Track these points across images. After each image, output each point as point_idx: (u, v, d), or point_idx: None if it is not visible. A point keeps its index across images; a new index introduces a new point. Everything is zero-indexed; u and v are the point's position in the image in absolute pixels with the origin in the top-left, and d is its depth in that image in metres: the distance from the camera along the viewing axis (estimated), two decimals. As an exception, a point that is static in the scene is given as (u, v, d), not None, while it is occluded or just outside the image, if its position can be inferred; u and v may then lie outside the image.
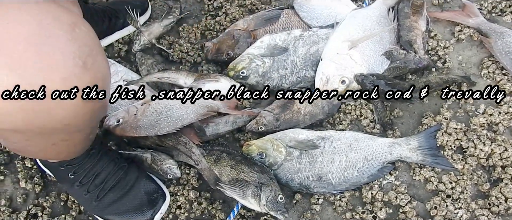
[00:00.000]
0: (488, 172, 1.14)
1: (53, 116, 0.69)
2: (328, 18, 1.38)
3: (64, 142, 0.88)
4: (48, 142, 0.85)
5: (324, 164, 1.13)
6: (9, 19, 0.62)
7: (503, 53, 1.28)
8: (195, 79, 1.23)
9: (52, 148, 0.89)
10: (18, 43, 0.61)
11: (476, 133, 1.17)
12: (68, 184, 1.09)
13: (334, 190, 1.13)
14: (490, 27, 1.35)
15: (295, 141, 1.16)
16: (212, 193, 1.18)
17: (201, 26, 1.48)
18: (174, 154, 1.19)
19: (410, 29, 1.34)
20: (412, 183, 1.14)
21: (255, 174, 1.10)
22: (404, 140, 1.16)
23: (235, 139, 1.26)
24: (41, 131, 0.74)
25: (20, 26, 0.62)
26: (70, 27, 0.66)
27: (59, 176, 1.11)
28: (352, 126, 1.24)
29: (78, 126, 0.79)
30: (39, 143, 0.85)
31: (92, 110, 0.74)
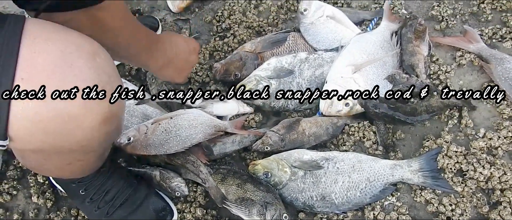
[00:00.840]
0: (487, 195, 1.17)
1: (72, 137, 0.73)
2: (333, 41, 1.43)
3: (79, 162, 0.92)
4: (64, 162, 0.89)
5: (328, 184, 1.16)
6: (35, 49, 0.66)
7: (503, 79, 1.32)
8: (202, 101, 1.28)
9: (67, 167, 0.93)
10: (42, 71, 0.65)
11: (475, 156, 1.20)
12: (79, 200, 1.12)
13: (337, 210, 1.16)
14: (491, 53, 1.39)
15: (299, 161, 1.19)
16: (218, 211, 1.21)
17: (209, 47, 1.53)
18: (182, 172, 1.23)
19: (413, 54, 1.39)
20: (413, 204, 1.17)
21: (261, 193, 1.13)
22: (406, 162, 1.19)
23: (241, 158, 1.30)
24: (58, 151, 0.79)
25: (45, 55, 0.66)
26: (91, 56, 0.71)
27: (70, 192, 1.14)
28: (355, 147, 1.28)
29: (94, 147, 0.83)
30: (55, 162, 0.89)
31: (108, 132, 0.78)
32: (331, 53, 1.38)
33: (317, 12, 1.46)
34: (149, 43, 1.03)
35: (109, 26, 0.87)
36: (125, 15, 0.92)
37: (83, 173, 1.04)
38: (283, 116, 1.36)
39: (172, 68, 1.13)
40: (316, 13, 1.46)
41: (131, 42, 0.96)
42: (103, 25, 0.86)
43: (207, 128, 1.21)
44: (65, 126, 0.70)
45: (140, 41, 0.99)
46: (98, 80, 0.70)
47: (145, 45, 1.02)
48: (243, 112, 1.32)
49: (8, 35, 0.65)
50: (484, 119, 1.30)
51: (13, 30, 0.66)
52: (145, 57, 1.05)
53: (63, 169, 0.97)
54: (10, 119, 0.65)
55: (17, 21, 0.67)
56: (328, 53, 1.38)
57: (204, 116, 1.24)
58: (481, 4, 1.56)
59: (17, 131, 0.67)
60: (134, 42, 0.98)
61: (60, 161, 0.89)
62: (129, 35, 0.95)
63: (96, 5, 0.81)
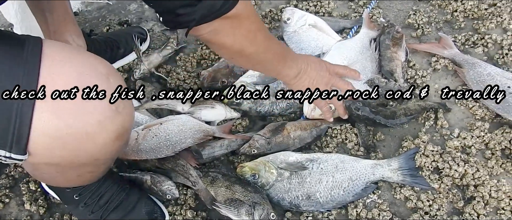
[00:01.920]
0: (462, 190, 1.24)
1: (88, 153, 0.78)
2: (316, 48, 1.49)
3: (89, 173, 0.98)
4: (76, 174, 0.95)
5: (313, 184, 1.22)
6: (54, 71, 0.71)
7: (475, 82, 1.40)
8: (192, 106, 1.33)
9: (78, 178, 0.99)
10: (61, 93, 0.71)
11: (451, 155, 1.27)
12: (73, 205, 1.14)
13: (322, 208, 1.21)
14: (463, 58, 1.47)
15: (285, 163, 1.25)
16: (208, 213, 1.25)
17: (197, 55, 1.59)
18: (172, 175, 1.27)
19: (391, 60, 1.46)
20: (394, 201, 1.23)
21: (249, 194, 1.18)
22: (386, 161, 1.25)
23: (229, 162, 1.35)
24: (73, 165, 0.84)
25: (63, 77, 0.71)
26: (105, 76, 0.76)
27: (64, 197, 1.17)
28: (338, 148, 1.34)
29: (106, 160, 0.90)
30: (67, 174, 0.94)
31: (119, 146, 0.84)
32: (313, 59, 1.44)
33: (300, 21, 1.52)
34: (282, 49, 1.13)
35: (249, 28, 0.97)
36: (259, 20, 1.02)
37: (89, 182, 1.08)
38: (269, 121, 1.41)
39: (306, 78, 1.21)
40: (298, 22, 1.52)
41: (267, 45, 1.06)
42: (243, 28, 0.96)
43: (196, 132, 1.26)
44: (82, 142, 0.75)
45: (275, 46, 1.09)
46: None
47: (279, 51, 1.12)
48: (231, 117, 1.37)
49: (29, 57, 0.70)
50: (458, 120, 1.38)
51: (33, 52, 0.70)
52: (278, 64, 1.14)
53: (73, 180, 1.02)
54: (31, 135, 0.70)
55: (36, 43, 0.72)
56: (310, 60, 1.44)
57: (193, 121, 1.28)
58: (455, 12, 1.65)
59: (37, 146, 0.72)
60: (270, 45, 1.07)
61: (72, 174, 0.94)
62: (264, 38, 1.04)
63: (232, 12, 0.88)
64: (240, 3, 0.89)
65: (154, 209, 1.20)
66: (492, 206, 1.18)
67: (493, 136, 1.31)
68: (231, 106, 1.37)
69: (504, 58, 1.48)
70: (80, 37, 1.35)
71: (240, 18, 0.93)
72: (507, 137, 1.30)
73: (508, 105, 1.31)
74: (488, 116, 1.36)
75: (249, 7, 0.95)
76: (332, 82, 1.27)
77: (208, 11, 0.85)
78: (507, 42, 1.51)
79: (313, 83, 1.23)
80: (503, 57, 1.49)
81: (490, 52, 1.52)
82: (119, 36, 1.55)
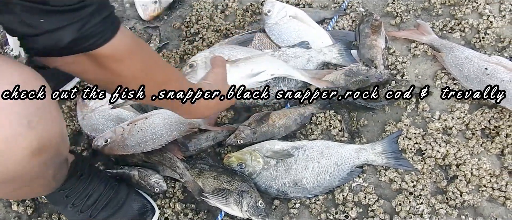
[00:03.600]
0: (444, 170, 1.26)
1: (4, 170, 0.73)
2: (297, 39, 1.51)
3: (25, 188, 0.90)
4: (10, 189, 0.88)
5: (299, 171, 1.23)
6: None
7: (453, 66, 1.43)
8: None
9: (16, 192, 0.93)
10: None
11: (432, 136, 1.30)
12: (62, 205, 1.13)
13: (309, 194, 1.23)
14: (441, 43, 1.51)
15: (271, 151, 1.26)
16: (197, 204, 1.26)
17: (180, 51, 1.59)
18: (160, 169, 1.27)
19: (371, 47, 1.48)
20: (379, 183, 1.26)
21: (236, 183, 1.19)
22: (370, 145, 1.28)
23: (216, 153, 1.36)
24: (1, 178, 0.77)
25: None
26: (16, 86, 0.70)
27: (52, 198, 1.14)
28: (323, 135, 1.36)
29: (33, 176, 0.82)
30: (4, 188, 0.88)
31: (43, 162, 0.79)
32: (294, 49, 1.45)
33: (280, 13, 1.54)
34: (167, 79, 0.90)
35: (115, 70, 0.77)
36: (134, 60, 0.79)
37: (43, 193, 1.02)
38: (254, 112, 1.42)
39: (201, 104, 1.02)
40: (279, 13, 1.54)
41: (145, 82, 0.84)
42: (108, 69, 0.76)
43: (181, 125, 1.26)
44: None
45: (156, 79, 0.86)
46: (23, 112, 0.71)
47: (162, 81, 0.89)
48: (216, 109, 1.38)
49: None
50: (438, 103, 1.41)
51: None
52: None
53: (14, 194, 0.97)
54: None
55: None
56: (291, 49, 1.45)
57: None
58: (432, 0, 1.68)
59: None
60: (148, 81, 0.85)
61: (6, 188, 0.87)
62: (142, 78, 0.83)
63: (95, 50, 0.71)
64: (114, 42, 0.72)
65: (143, 204, 1.20)
66: (474, 184, 1.21)
67: (472, 116, 1.34)
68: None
69: (481, 42, 1.52)
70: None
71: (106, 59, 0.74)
72: (486, 117, 1.33)
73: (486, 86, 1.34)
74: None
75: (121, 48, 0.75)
76: None
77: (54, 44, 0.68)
78: (483, 26, 1.55)
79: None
80: (480, 41, 1.52)
81: (467, 37, 1.56)
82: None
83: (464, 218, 1.17)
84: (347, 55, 1.47)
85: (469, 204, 1.19)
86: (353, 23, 1.63)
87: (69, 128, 1.42)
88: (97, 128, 1.34)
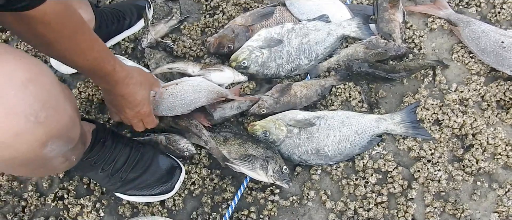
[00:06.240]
0: (461, 140, 1.31)
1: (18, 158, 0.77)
2: (316, 12, 1.54)
3: (41, 169, 0.95)
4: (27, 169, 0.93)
5: (321, 139, 1.28)
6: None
7: (470, 39, 1.46)
8: (202, 68, 1.37)
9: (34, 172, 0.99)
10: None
11: (449, 107, 1.34)
12: (93, 171, 1.18)
13: (331, 161, 1.28)
14: (458, 17, 1.54)
15: (294, 120, 1.31)
16: (222, 170, 1.31)
17: (201, 24, 1.62)
18: (186, 136, 1.32)
19: (389, 21, 1.51)
20: (397, 152, 1.31)
21: (261, 150, 1.24)
22: (389, 115, 1.32)
23: (239, 122, 1.40)
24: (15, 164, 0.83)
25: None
26: (23, 84, 0.72)
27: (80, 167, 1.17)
28: (343, 106, 1.40)
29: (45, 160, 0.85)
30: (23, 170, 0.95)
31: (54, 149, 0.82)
32: (314, 22, 1.49)
33: (300, -14, 1.57)
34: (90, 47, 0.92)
35: (40, 32, 0.80)
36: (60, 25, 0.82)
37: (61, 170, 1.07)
38: (275, 83, 1.46)
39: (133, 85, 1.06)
40: (299, -13, 1.57)
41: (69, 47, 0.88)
42: (33, 30, 0.80)
43: (210, 93, 1.31)
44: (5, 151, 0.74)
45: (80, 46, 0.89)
46: (29, 110, 0.73)
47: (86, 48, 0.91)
48: (238, 80, 1.42)
49: None
50: (455, 76, 1.44)
51: None
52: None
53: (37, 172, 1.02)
54: None
55: None
56: (311, 22, 1.49)
57: (207, 82, 1.33)
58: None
59: None
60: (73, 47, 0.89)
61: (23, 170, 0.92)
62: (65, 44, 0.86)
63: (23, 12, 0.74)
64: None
65: (170, 162, 1.25)
66: (490, 152, 1.26)
67: (488, 88, 1.38)
68: (238, 70, 1.42)
69: (496, 16, 1.55)
70: (88, 9, 1.38)
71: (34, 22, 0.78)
72: (501, 89, 1.38)
73: (503, 59, 1.38)
74: (483, 71, 1.43)
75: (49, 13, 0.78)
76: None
77: None
78: (499, 1, 1.57)
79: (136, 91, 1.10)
80: (496, 16, 1.55)
81: (483, 12, 1.59)
82: (124, 7, 1.58)
83: (479, 184, 1.22)
84: (366, 29, 1.50)
85: (485, 171, 1.24)
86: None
87: (95, 97, 1.46)
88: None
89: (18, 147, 0.74)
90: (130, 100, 1.09)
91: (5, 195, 1.30)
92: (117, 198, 1.28)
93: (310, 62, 1.45)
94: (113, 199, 1.29)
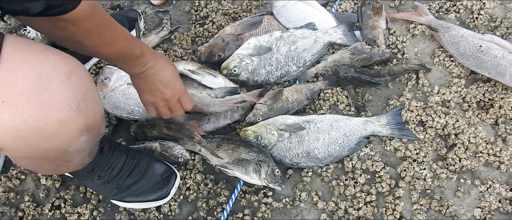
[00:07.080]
0: (444, 139, 1.37)
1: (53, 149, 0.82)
2: (303, 21, 1.60)
3: (68, 163, 1.00)
4: (54, 164, 0.97)
5: (311, 142, 1.33)
6: (14, 74, 0.74)
7: (450, 44, 1.53)
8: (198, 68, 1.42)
9: (59, 167, 1.03)
10: (21, 95, 0.74)
11: (433, 109, 1.40)
12: (89, 179, 1.21)
13: (321, 163, 1.33)
14: (438, 23, 1.61)
15: (284, 125, 1.35)
16: (216, 175, 1.35)
17: (191, 34, 1.67)
18: (180, 142, 1.36)
19: (373, 28, 1.58)
20: (384, 152, 1.36)
21: (254, 154, 1.28)
22: (375, 118, 1.38)
23: (231, 128, 1.44)
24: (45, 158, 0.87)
25: (23, 80, 0.74)
26: (66, 76, 0.78)
27: (77, 174, 1.21)
28: (331, 110, 1.45)
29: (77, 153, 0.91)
30: (46, 166, 0.98)
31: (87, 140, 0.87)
32: (301, 30, 1.55)
33: (289, -3, 1.62)
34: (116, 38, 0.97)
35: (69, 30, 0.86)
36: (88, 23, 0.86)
37: (78, 167, 1.10)
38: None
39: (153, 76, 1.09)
40: (288, -3, 1.62)
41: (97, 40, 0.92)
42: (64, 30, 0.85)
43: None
44: (44, 140, 0.78)
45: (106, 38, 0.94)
46: (72, 99, 0.79)
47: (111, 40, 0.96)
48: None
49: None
50: (437, 79, 1.51)
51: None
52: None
53: (55, 169, 1.06)
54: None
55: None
56: (298, 30, 1.54)
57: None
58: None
59: (3, 144, 0.76)
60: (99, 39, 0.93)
61: (50, 164, 0.96)
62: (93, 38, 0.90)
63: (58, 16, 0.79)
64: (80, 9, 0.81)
65: (165, 168, 1.27)
66: (471, 150, 1.32)
67: (468, 90, 1.45)
68: (229, 77, 1.47)
69: (474, 22, 1.62)
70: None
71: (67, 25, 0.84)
72: (481, 90, 1.44)
73: (481, 62, 1.45)
74: (464, 73, 1.49)
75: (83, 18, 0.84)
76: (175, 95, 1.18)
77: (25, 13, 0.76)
78: (476, 7, 1.65)
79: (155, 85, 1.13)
80: (474, 21, 1.62)
81: (462, 17, 1.66)
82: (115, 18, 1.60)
83: (462, 181, 1.28)
84: (351, 36, 1.56)
85: (467, 168, 1.30)
86: (356, 5, 1.71)
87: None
88: (119, 106, 1.41)
89: (59, 135, 0.79)
90: (165, 74, 1.11)
91: (2, 206, 1.32)
92: (113, 206, 1.31)
93: (298, 68, 1.51)
94: (110, 207, 1.32)
